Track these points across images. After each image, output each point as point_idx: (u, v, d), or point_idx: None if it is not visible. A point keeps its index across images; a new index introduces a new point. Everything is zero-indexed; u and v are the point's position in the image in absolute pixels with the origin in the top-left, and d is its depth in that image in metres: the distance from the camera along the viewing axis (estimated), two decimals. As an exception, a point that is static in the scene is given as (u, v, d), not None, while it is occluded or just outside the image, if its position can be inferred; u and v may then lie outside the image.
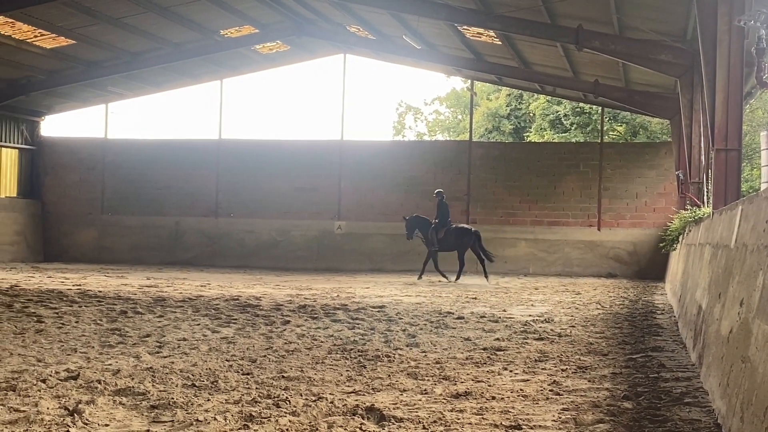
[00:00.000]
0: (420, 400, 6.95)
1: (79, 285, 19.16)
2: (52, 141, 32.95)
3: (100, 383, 7.30)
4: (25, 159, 32.43)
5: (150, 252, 31.34)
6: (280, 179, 30.95)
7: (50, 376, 7.67)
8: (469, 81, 33.94)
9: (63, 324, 11.82)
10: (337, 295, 17.56)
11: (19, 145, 32.02)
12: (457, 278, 23.36)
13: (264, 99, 33.18)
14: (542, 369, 8.59)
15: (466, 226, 24.88)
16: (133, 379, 7.60)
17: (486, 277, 23.48)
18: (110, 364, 8.46)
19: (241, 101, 32.98)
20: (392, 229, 29.66)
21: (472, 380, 7.85)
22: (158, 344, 10.04)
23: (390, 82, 66.62)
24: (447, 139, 48.53)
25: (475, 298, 17.55)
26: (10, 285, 18.49)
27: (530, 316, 14.01)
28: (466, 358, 9.21)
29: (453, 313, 14.08)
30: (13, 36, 23.93)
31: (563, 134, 40.30)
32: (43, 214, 32.53)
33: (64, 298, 15.56)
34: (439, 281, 23.21)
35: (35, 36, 24.28)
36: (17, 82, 28.32)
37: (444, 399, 6.98)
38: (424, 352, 9.70)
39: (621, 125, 39.15)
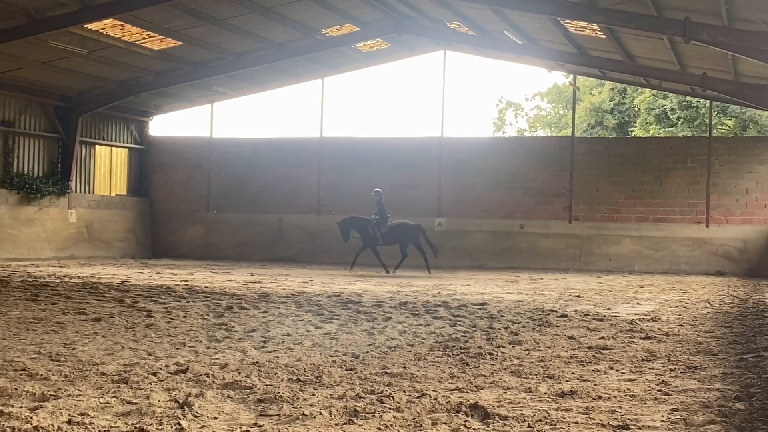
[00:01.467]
0: (524, 398, 6.89)
1: (187, 281, 19.64)
2: (159, 140, 33.85)
3: (208, 377, 7.48)
4: (135, 158, 33.41)
5: (254, 248, 31.89)
6: (380, 176, 31.06)
7: (160, 369, 7.90)
8: (572, 75, 33.46)
9: (172, 319, 12.16)
10: (438, 292, 17.55)
11: (129, 145, 32.99)
12: (396, 268, 25.11)
13: (364, 96, 33.32)
14: (650, 368, 8.42)
15: (408, 222, 26.00)
16: (240, 373, 7.75)
17: (428, 269, 25.20)
18: (218, 358, 8.66)
19: (342, 99, 33.23)
20: (493, 226, 29.51)
21: (578, 379, 7.74)
22: (263, 339, 10.23)
23: (490, 77, 66.14)
24: (548, 135, 47.97)
25: (579, 296, 17.30)
26: (121, 281, 19.10)
27: (636, 314, 13.73)
28: (571, 357, 9.09)
29: (556, 311, 13.92)
30: (122, 38, 24.66)
31: (669, 129, 39.37)
32: (152, 211, 33.45)
33: (173, 294, 15.99)
34: (351, 271, 25.11)
35: (143, 38, 24.97)
36: (127, 83, 29.17)
37: (549, 398, 6.90)
38: (527, 350, 9.62)
39: (730, 119, 38.03)
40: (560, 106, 52.04)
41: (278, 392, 6.84)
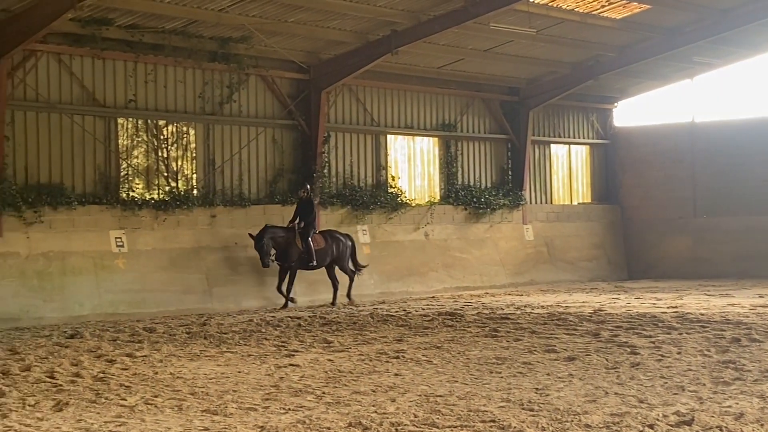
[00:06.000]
0: None
1: (675, 307, 19.65)
2: (626, 131, 34.08)
3: (721, 430, 7.39)
4: (598, 156, 33.92)
5: (759, 262, 30.87)
6: None
7: (657, 420, 7.96)
8: None
9: (662, 356, 12.21)
10: None
11: (590, 140, 33.59)
12: (347, 297, 23.23)
13: None
14: None
15: (338, 231, 23.70)
16: (762, 425, 7.57)
17: (333, 298, 23.00)
18: (729, 406, 8.55)
19: None
20: None
21: None
22: (787, 381, 9.94)
23: None
24: None
25: None
26: (593, 309, 19.53)
27: None
28: None
29: None
30: (576, 9, 25.23)
31: None
32: (623, 221, 33.74)
33: (659, 324, 16.07)
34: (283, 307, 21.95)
35: (602, 5, 25.32)
36: (584, 65, 29.76)
37: None
38: None
39: None
40: None
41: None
